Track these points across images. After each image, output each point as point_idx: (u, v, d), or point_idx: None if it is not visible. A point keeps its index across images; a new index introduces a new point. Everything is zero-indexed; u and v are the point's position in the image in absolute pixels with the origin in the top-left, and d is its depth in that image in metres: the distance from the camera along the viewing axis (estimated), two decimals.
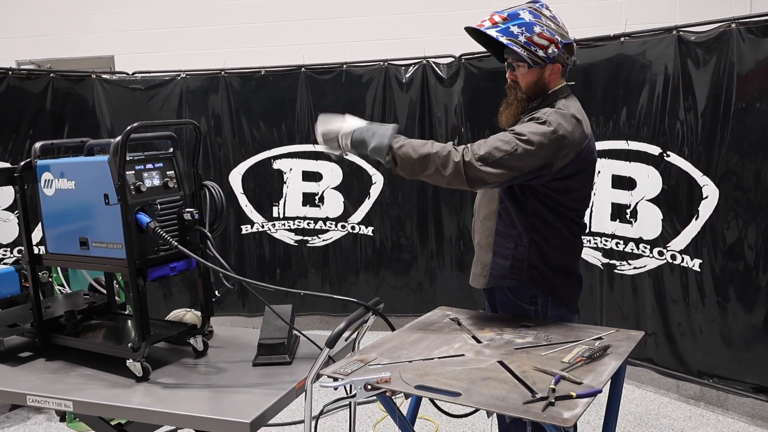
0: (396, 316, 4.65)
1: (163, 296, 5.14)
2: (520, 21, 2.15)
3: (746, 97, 3.31)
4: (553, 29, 2.19)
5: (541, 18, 2.18)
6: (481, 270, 2.36)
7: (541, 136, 2.06)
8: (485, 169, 2.03)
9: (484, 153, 2.03)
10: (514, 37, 2.15)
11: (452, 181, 2.06)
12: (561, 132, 2.09)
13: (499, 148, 2.04)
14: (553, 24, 2.20)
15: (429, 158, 2.04)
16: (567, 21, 2.35)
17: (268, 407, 1.88)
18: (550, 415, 1.57)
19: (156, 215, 2.08)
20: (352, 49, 5.36)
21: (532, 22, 2.16)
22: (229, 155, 5.09)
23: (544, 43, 2.17)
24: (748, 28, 3.28)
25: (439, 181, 2.09)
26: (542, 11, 2.20)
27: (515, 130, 2.09)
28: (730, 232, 3.43)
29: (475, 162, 2.03)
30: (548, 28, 2.18)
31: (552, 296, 2.30)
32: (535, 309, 2.30)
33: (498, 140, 2.07)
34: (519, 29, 2.15)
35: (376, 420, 3.64)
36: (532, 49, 2.16)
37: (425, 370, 1.88)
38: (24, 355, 2.34)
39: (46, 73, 4.78)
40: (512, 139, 2.06)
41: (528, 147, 2.05)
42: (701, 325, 3.61)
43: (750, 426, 3.50)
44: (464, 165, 2.02)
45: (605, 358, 1.93)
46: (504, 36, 2.16)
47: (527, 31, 2.15)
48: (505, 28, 2.16)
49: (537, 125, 2.10)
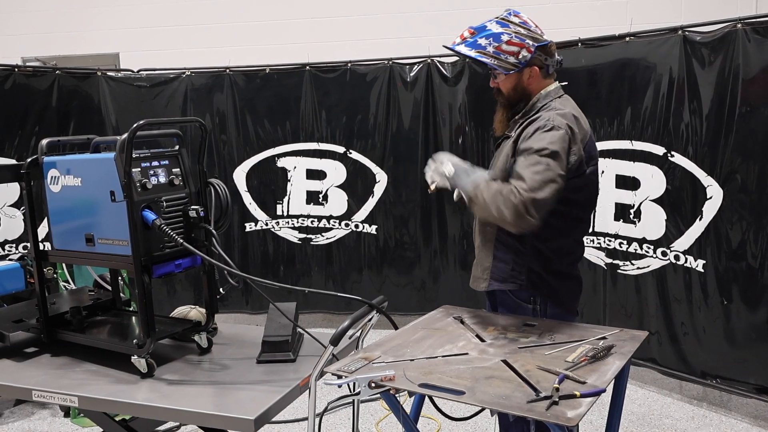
0: (399, 314, 4.65)
1: (167, 293, 5.15)
2: (487, 32, 2.24)
3: (752, 98, 3.30)
4: (523, 34, 2.25)
5: (509, 26, 2.25)
6: (481, 273, 2.38)
7: (558, 140, 2.12)
8: (539, 195, 2.04)
9: (531, 184, 2.04)
10: (483, 49, 2.24)
11: (515, 220, 2.05)
12: (567, 129, 2.15)
13: (535, 171, 2.07)
14: (522, 29, 2.26)
15: (496, 201, 2.07)
16: (572, 21, 2.38)
17: (272, 404, 1.89)
18: (554, 414, 1.57)
19: (161, 212, 2.09)
20: (357, 48, 5.36)
21: (499, 32, 2.24)
22: (233, 153, 5.10)
23: (514, 49, 2.24)
24: (754, 28, 3.28)
25: (501, 222, 2.10)
26: (510, 19, 2.27)
27: (533, 148, 2.12)
28: (734, 232, 3.42)
29: (529, 192, 2.03)
30: (517, 34, 2.24)
31: (550, 299, 2.31)
32: (533, 308, 2.32)
33: (527, 168, 2.09)
34: (486, 40, 2.24)
35: (379, 418, 3.65)
36: (501, 57, 2.24)
37: (429, 368, 1.88)
38: (29, 351, 2.35)
39: (52, 70, 4.79)
40: (536, 157, 2.09)
41: (554, 156, 2.09)
42: (704, 325, 3.61)
43: (753, 427, 3.49)
44: (523, 202, 2.02)
45: (609, 358, 1.93)
46: (473, 49, 2.25)
47: (495, 41, 2.23)
48: (472, 42, 2.26)
49: (546, 133, 2.14)
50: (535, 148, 2.11)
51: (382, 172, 4.98)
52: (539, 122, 2.19)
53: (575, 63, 4.02)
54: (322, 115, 4.98)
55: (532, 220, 2.03)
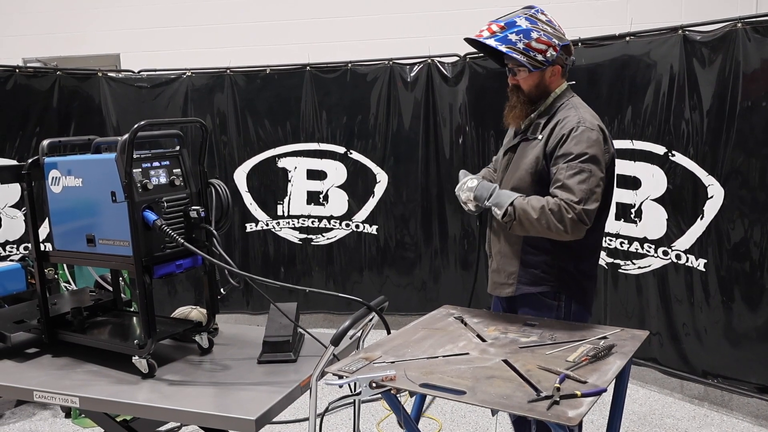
0: (400, 314, 4.67)
1: (168, 294, 5.15)
2: (517, 28, 2.24)
3: (752, 97, 3.30)
4: (550, 33, 2.27)
5: (537, 23, 2.26)
6: (506, 278, 2.39)
7: (595, 142, 2.18)
8: (591, 206, 2.14)
9: (579, 195, 2.13)
10: (513, 45, 2.24)
11: (572, 232, 2.15)
12: (599, 129, 2.23)
13: (581, 181, 2.14)
14: (549, 28, 2.28)
15: (545, 218, 2.14)
16: (572, 20, 2.40)
17: (273, 404, 1.89)
18: (555, 413, 1.57)
19: (162, 213, 2.09)
20: (357, 48, 5.36)
21: (529, 28, 2.24)
22: (234, 153, 5.10)
23: (542, 47, 2.25)
24: (754, 27, 3.28)
25: (557, 235, 2.17)
26: (538, 17, 2.28)
27: (573, 153, 2.17)
28: (735, 231, 3.42)
29: (580, 205, 2.12)
30: (545, 32, 2.26)
31: (575, 297, 2.35)
32: (558, 305, 2.34)
33: (572, 178, 2.15)
34: (517, 36, 2.24)
35: (380, 418, 3.65)
36: (531, 54, 2.25)
37: (430, 368, 1.88)
38: (30, 351, 2.35)
39: (53, 71, 4.80)
40: (577, 165, 2.16)
41: (592, 160, 2.16)
42: (706, 325, 3.60)
43: (754, 426, 3.49)
44: (576, 214, 2.12)
45: (610, 357, 1.93)
46: (503, 44, 2.25)
47: (525, 38, 2.24)
48: (503, 37, 2.25)
49: (581, 135, 2.18)
50: (575, 153, 2.16)
51: (382, 173, 4.98)
52: (569, 122, 2.23)
53: (576, 62, 4.00)
54: (323, 115, 4.98)
55: (586, 227, 2.15)
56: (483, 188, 2.31)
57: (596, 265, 2.45)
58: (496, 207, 2.24)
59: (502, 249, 2.41)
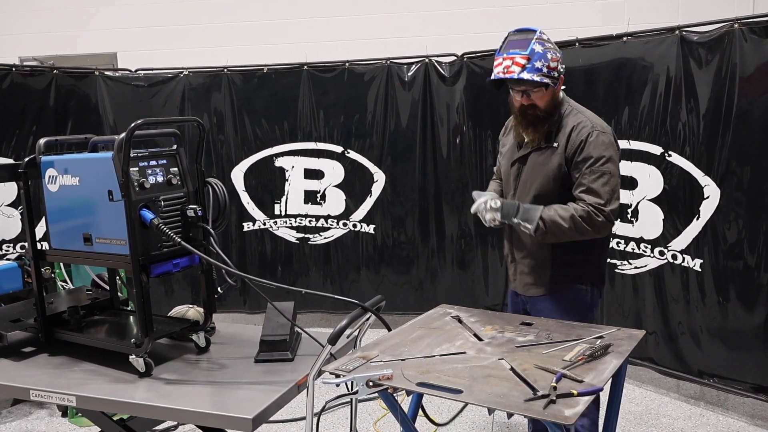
0: (397, 314, 4.67)
1: (164, 293, 5.15)
2: (538, 55, 2.36)
3: (748, 98, 3.31)
4: (554, 49, 2.42)
5: (546, 44, 2.40)
6: (538, 279, 2.53)
7: (610, 144, 2.39)
8: (615, 205, 2.38)
9: (605, 197, 2.35)
10: (541, 71, 2.37)
11: (602, 232, 2.40)
12: (610, 130, 2.45)
13: (604, 183, 2.35)
14: (551, 45, 2.42)
15: (576, 225, 2.34)
16: (569, 21, 2.48)
17: (270, 403, 1.89)
18: (552, 412, 1.58)
19: (159, 212, 2.09)
20: (355, 48, 5.36)
21: (545, 50, 2.38)
22: (231, 153, 5.10)
23: (556, 64, 2.40)
24: (751, 28, 3.28)
25: (589, 236, 2.39)
26: (543, 37, 2.41)
27: (593, 157, 2.36)
28: (731, 232, 3.43)
29: (607, 206, 2.35)
30: (554, 50, 2.41)
31: (597, 283, 2.56)
32: (585, 292, 2.52)
33: (595, 182, 2.35)
34: (540, 62, 2.36)
35: (376, 417, 3.65)
36: (552, 75, 2.39)
37: (427, 367, 1.88)
38: (27, 350, 2.35)
39: (49, 69, 4.79)
40: (598, 168, 2.36)
41: (610, 161, 2.37)
42: (702, 324, 3.61)
43: (750, 426, 3.50)
44: (605, 216, 2.34)
45: (606, 357, 1.94)
46: (536, 74, 2.37)
47: (545, 61, 2.37)
48: (531, 67, 2.36)
49: (597, 139, 2.37)
50: (594, 157, 2.35)
51: (380, 172, 4.98)
52: (583, 128, 2.40)
53: (573, 63, 4.02)
54: (320, 114, 4.98)
55: (613, 225, 2.39)
56: (508, 207, 2.43)
57: (609, 243, 2.75)
58: (526, 222, 2.38)
59: (532, 250, 2.53)
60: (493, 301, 4.78)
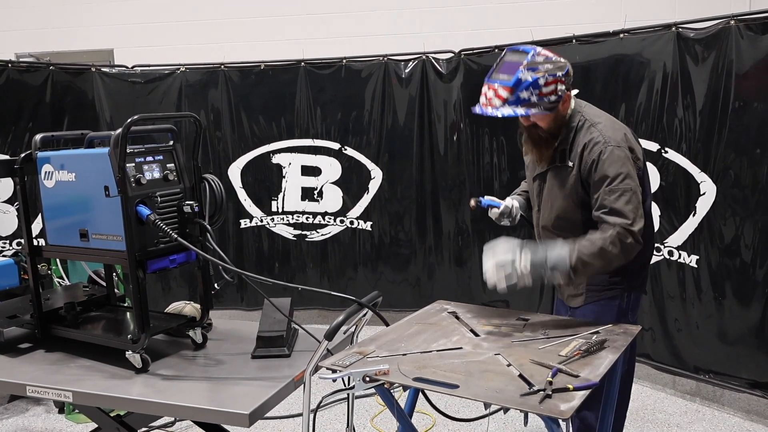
0: (394, 311, 4.66)
1: (162, 290, 5.14)
2: (525, 84, 2.19)
3: (744, 94, 3.32)
4: (552, 70, 2.22)
5: (538, 68, 2.20)
6: (575, 290, 2.44)
7: (625, 158, 2.21)
8: (641, 223, 2.19)
9: (631, 216, 2.17)
10: (527, 102, 2.20)
11: (633, 254, 2.22)
12: (623, 142, 2.23)
13: (626, 202, 2.17)
14: (549, 65, 2.22)
15: (607, 257, 2.17)
16: (566, 17, 2.38)
17: (267, 399, 1.89)
18: (547, 407, 1.58)
19: (156, 207, 2.09)
20: (352, 44, 5.36)
21: (535, 78, 2.19)
22: (228, 149, 5.09)
23: (552, 88, 2.22)
24: (747, 24, 3.29)
25: (621, 262, 2.23)
26: (536, 60, 2.22)
27: (609, 176, 2.20)
28: (727, 228, 3.44)
29: (634, 226, 2.17)
30: (548, 72, 2.21)
31: (636, 288, 2.44)
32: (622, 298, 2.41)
33: (616, 201, 2.18)
34: (528, 92, 2.19)
35: (373, 414, 3.65)
36: (545, 101, 2.22)
37: (423, 362, 1.89)
38: (23, 347, 2.35)
39: (46, 66, 4.78)
40: (617, 186, 2.19)
41: (629, 176, 2.20)
42: (698, 320, 3.62)
43: (745, 421, 3.51)
44: (633, 237, 2.17)
45: (602, 352, 1.94)
46: (518, 106, 2.21)
47: (534, 89, 2.19)
48: (515, 99, 2.20)
49: (611, 156, 2.20)
50: (611, 176, 2.19)
51: (377, 169, 4.98)
52: (596, 145, 2.23)
53: (570, 59, 3.96)
54: (317, 111, 4.98)
55: (639, 245, 2.20)
56: (536, 263, 2.19)
57: (651, 249, 2.58)
58: (557, 272, 2.20)
59: None
60: (490, 297, 4.78)
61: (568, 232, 2.36)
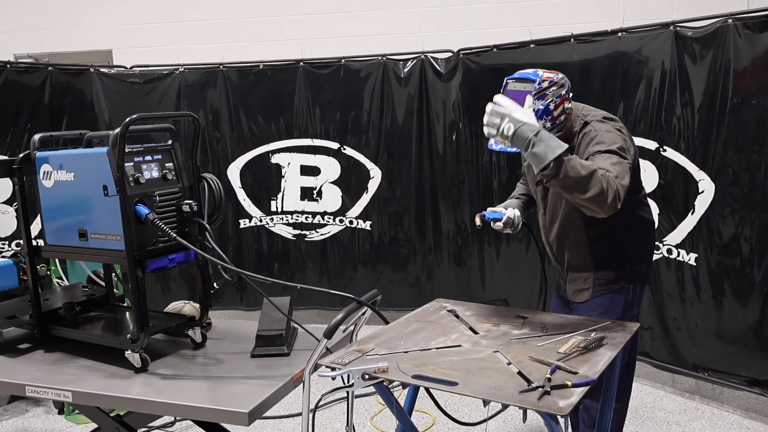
0: (393, 310, 4.66)
1: (161, 290, 5.14)
2: (537, 114, 2.17)
3: (742, 93, 3.32)
4: (556, 90, 2.23)
5: (547, 95, 2.20)
6: (582, 284, 2.49)
7: (619, 137, 2.21)
8: (625, 182, 2.09)
9: (615, 172, 2.07)
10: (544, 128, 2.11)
11: (610, 206, 2.04)
12: (616, 128, 2.26)
13: (613, 162, 2.11)
14: (554, 87, 2.23)
15: (595, 177, 2.00)
16: (566, 16, 2.39)
17: (267, 397, 1.89)
18: (546, 403, 1.59)
19: (155, 207, 2.09)
20: (351, 44, 5.36)
21: (546, 104, 2.20)
22: (227, 149, 5.09)
23: (560, 110, 2.24)
24: (745, 23, 3.29)
25: (595, 202, 2.03)
26: (543, 86, 2.20)
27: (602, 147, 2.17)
28: (725, 226, 3.44)
29: (619, 181, 2.06)
30: (554, 95, 2.22)
31: (641, 280, 2.48)
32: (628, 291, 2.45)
33: (605, 161, 2.11)
34: (542, 121, 2.19)
35: (373, 413, 3.66)
36: (557, 123, 2.25)
37: (422, 360, 1.89)
38: (23, 347, 2.35)
39: (44, 66, 4.77)
40: (608, 152, 2.15)
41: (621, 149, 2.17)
42: (697, 319, 3.63)
43: (744, 419, 3.52)
44: (618, 190, 2.04)
45: (601, 349, 1.95)
46: None
47: (547, 115, 2.21)
48: None
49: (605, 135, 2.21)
50: (605, 146, 2.17)
51: (376, 168, 4.98)
52: (590, 134, 2.26)
53: (568, 58, 4.03)
54: (316, 111, 4.98)
55: (619, 205, 2.05)
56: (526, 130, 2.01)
57: (654, 239, 2.63)
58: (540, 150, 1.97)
59: (571, 260, 2.50)
60: (489, 296, 4.78)
61: (575, 233, 2.43)
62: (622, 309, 2.44)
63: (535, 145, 1.98)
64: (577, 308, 2.53)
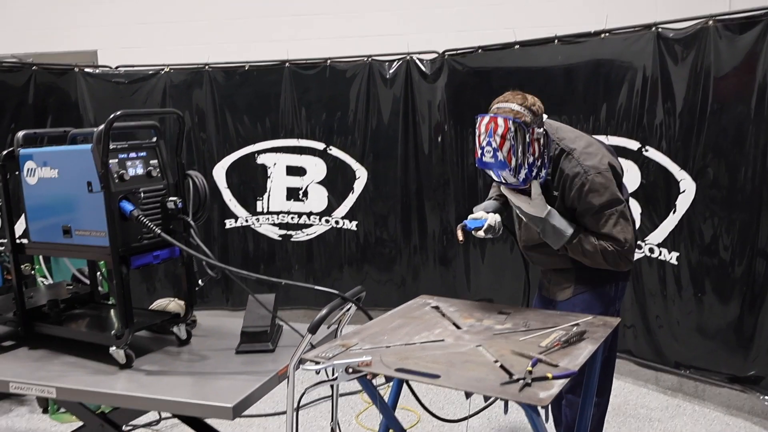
0: (379, 309, 4.65)
1: (146, 290, 5.12)
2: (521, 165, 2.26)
3: (723, 93, 3.37)
4: (535, 117, 2.30)
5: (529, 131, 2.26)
6: (564, 282, 2.54)
7: (608, 183, 2.32)
8: (632, 241, 2.36)
9: (621, 238, 2.33)
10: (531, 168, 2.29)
11: (624, 268, 2.42)
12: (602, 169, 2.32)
13: (614, 224, 2.32)
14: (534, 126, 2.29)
15: (605, 255, 2.34)
16: (549, 17, 2.41)
17: (251, 392, 1.90)
18: (527, 395, 1.61)
19: (139, 203, 2.09)
20: (337, 45, 5.36)
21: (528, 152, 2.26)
22: (213, 150, 5.09)
23: (537, 143, 2.29)
24: (726, 24, 3.34)
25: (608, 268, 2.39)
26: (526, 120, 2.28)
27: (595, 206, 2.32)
28: (706, 225, 3.49)
29: (626, 248, 2.33)
30: (534, 134, 2.27)
31: (622, 277, 2.54)
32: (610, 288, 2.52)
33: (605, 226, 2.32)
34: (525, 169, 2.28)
35: (358, 411, 3.67)
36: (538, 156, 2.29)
37: (406, 354, 1.91)
38: (6, 344, 2.34)
39: (28, 66, 4.75)
40: (604, 213, 2.33)
41: (612, 200, 2.32)
42: (678, 317, 3.68)
43: (726, 415, 3.57)
44: (625, 257, 2.35)
45: (581, 343, 1.97)
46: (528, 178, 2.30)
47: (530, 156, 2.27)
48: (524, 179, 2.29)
49: (594, 185, 2.30)
50: (596, 205, 2.31)
51: (362, 169, 5.00)
52: (575, 180, 2.32)
53: (552, 60, 4.07)
54: (302, 111, 4.99)
55: (632, 263, 2.40)
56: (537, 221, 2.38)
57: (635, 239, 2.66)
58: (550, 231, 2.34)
59: (555, 263, 2.53)
60: (474, 296, 4.81)
61: (552, 249, 2.46)
62: (605, 305, 2.48)
63: (546, 235, 2.37)
64: (560, 305, 2.56)
